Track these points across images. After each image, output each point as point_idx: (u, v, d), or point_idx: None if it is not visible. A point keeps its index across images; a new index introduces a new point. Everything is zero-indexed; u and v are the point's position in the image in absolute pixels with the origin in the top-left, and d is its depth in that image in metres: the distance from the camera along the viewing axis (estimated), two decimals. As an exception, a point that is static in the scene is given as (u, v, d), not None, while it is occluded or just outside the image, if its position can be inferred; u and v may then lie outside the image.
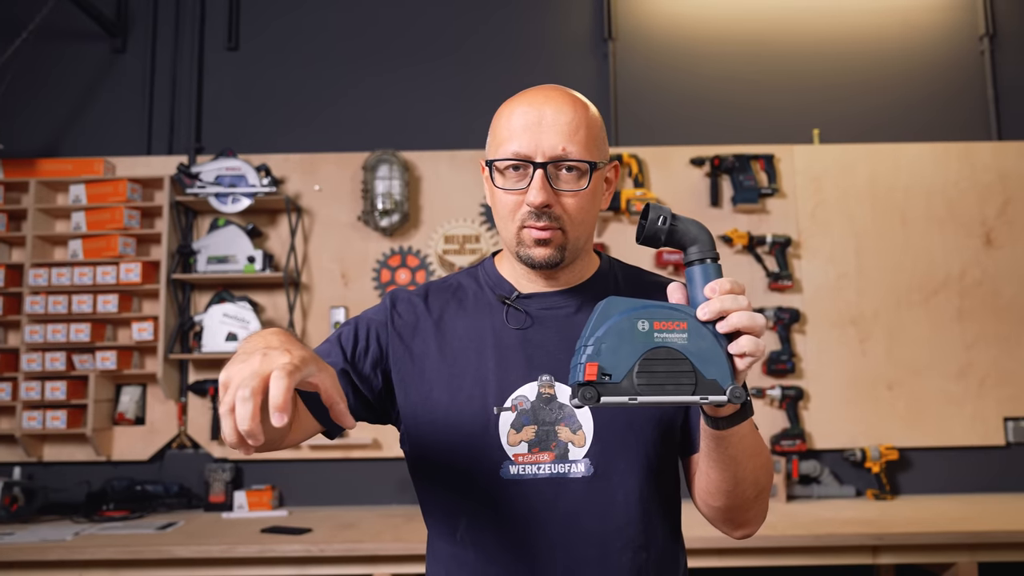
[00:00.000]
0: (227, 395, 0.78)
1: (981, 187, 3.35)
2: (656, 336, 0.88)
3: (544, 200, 1.05)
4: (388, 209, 3.22)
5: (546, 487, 1.07)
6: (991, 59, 3.50)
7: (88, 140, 3.44)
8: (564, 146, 1.05)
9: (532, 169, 1.05)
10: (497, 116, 1.12)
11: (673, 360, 0.87)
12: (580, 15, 3.57)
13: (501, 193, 1.08)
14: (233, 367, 0.81)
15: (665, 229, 0.94)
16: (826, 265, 3.31)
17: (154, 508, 3.08)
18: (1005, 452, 3.24)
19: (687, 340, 0.88)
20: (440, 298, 1.19)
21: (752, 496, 1.07)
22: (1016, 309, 3.28)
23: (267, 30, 3.55)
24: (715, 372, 0.88)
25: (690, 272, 0.94)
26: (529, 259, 1.09)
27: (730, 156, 3.30)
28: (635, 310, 0.88)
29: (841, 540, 2.52)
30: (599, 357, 0.87)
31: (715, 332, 0.89)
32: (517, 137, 1.06)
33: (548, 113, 1.07)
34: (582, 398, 0.87)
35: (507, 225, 1.10)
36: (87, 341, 3.09)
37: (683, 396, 0.87)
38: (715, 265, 0.93)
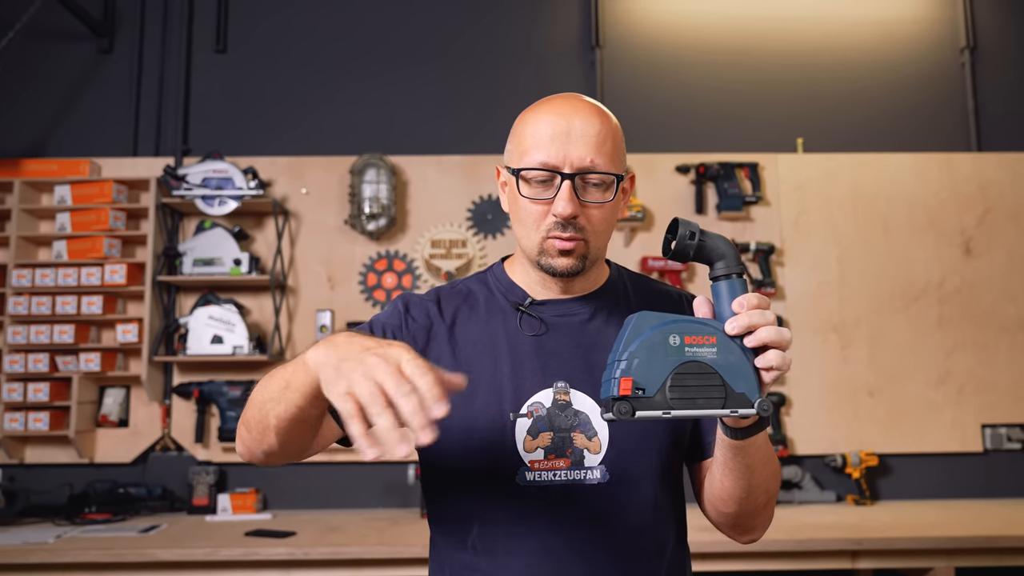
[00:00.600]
0: (371, 401, 0.75)
1: (961, 197, 3.40)
2: (687, 350, 0.90)
3: (572, 212, 1.05)
4: (375, 213, 3.22)
5: (562, 493, 1.07)
6: (971, 71, 3.56)
7: (74, 141, 3.43)
8: (592, 158, 1.06)
9: (560, 180, 1.06)
10: (521, 123, 1.12)
11: (704, 374, 0.90)
12: (568, 22, 3.60)
13: (526, 202, 1.08)
14: (351, 375, 0.77)
15: (694, 245, 0.95)
16: (809, 273, 3.35)
17: (137, 511, 3.07)
18: (983, 459, 3.28)
19: (716, 354, 0.90)
20: (452, 303, 1.18)
21: (763, 503, 1.10)
22: (994, 317, 3.33)
23: (255, 33, 3.55)
24: (744, 386, 0.90)
25: (716, 287, 0.95)
26: (551, 268, 1.10)
27: (715, 164, 3.33)
28: (666, 324, 0.90)
29: (821, 545, 2.54)
30: (633, 372, 0.89)
31: (743, 346, 0.91)
32: (545, 147, 1.06)
33: (576, 124, 1.07)
34: (617, 412, 0.88)
35: (530, 234, 1.10)
36: (71, 343, 3.08)
37: (714, 409, 0.90)
38: (741, 280, 0.95)
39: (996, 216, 3.39)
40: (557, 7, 3.61)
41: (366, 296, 3.29)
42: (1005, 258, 3.36)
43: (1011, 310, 3.34)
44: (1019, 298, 3.35)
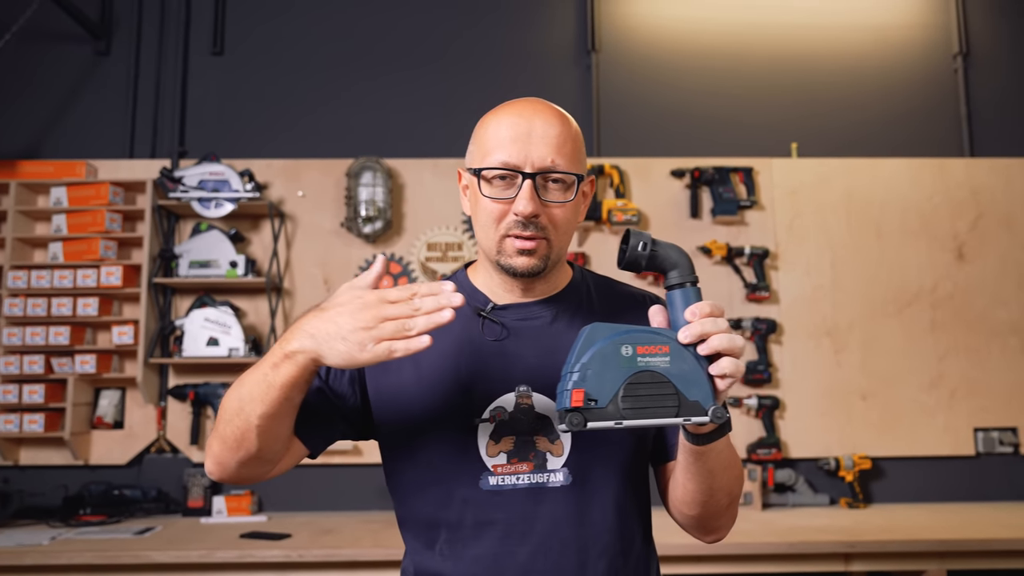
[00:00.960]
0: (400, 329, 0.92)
1: (954, 202, 3.42)
2: (639, 360, 0.91)
3: (533, 210, 1.07)
4: (371, 216, 3.23)
5: (525, 497, 1.09)
6: (964, 77, 3.59)
7: (70, 142, 3.43)
8: (552, 158, 1.08)
9: (521, 179, 1.07)
10: (482, 125, 1.14)
11: (656, 383, 0.91)
12: (564, 26, 3.61)
13: (487, 201, 1.09)
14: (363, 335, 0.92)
15: (646, 255, 0.97)
16: (803, 277, 3.37)
17: (132, 513, 3.07)
18: (975, 462, 3.30)
19: (669, 363, 0.92)
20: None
21: (725, 505, 1.11)
22: (986, 322, 3.36)
23: (252, 35, 3.56)
24: (697, 393, 0.92)
25: (671, 296, 0.97)
26: (511, 268, 1.11)
27: (710, 168, 3.35)
28: (618, 335, 0.92)
29: (814, 548, 2.56)
30: (585, 383, 0.91)
31: (696, 354, 0.93)
32: (506, 147, 1.08)
33: (537, 125, 1.09)
34: (570, 424, 0.90)
35: (489, 233, 1.11)
36: (66, 344, 3.08)
37: (667, 418, 0.91)
38: (695, 289, 0.97)
39: (988, 221, 3.42)
40: (554, 11, 3.62)
41: (362, 299, 3.29)
42: (997, 263, 3.39)
43: (1003, 315, 3.36)
44: (1011, 303, 3.37)
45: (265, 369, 0.98)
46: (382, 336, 0.92)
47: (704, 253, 3.32)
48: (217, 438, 1.05)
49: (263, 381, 0.98)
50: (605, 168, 3.35)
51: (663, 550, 2.49)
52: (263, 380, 0.98)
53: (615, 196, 3.34)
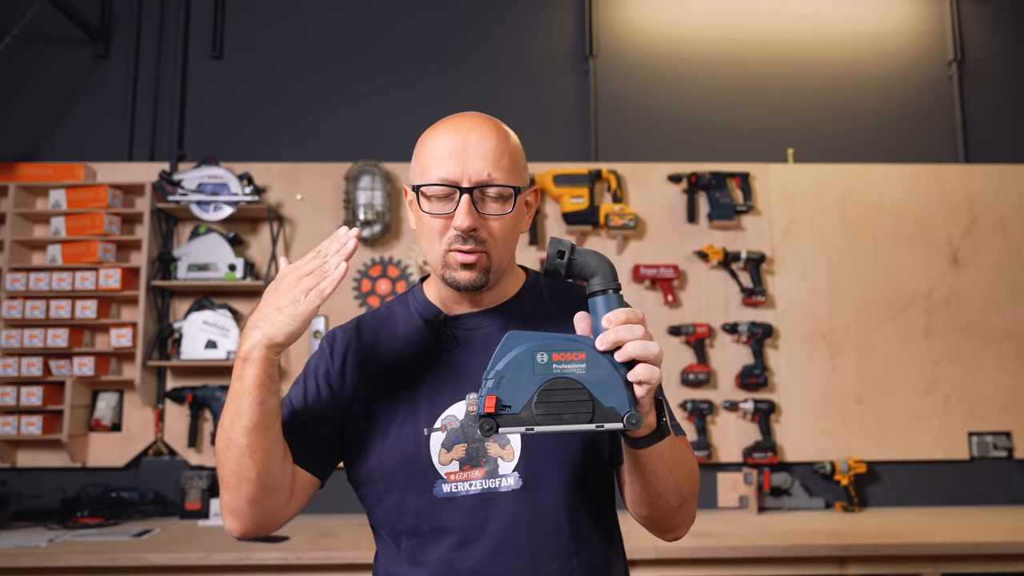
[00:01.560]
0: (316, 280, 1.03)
1: (949, 208, 3.45)
2: (555, 367, 0.93)
3: (471, 224, 1.08)
4: (370, 219, 3.24)
5: (478, 502, 1.11)
6: (959, 84, 3.62)
7: (69, 145, 3.44)
8: (489, 172, 1.10)
9: (459, 194, 1.09)
10: (421, 143, 1.16)
11: (571, 390, 0.93)
12: (562, 32, 3.63)
13: (427, 217, 1.11)
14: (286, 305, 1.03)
15: (564, 264, 0.99)
16: (799, 281, 3.39)
17: (129, 515, 3.07)
18: (969, 466, 3.32)
19: (585, 370, 0.93)
20: (371, 328, 1.24)
21: (676, 505, 1.13)
22: (980, 327, 3.38)
23: (252, 39, 3.57)
24: (613, 400, 0.93)
25: (592, 303, 0.99)
26: (455, 282, 1.13)
27: (707, 173, 3.37)
28: (535, 343, 0.94)
29: (810, 551, 2.57)
30: (498, 390, 0.93)
31: (613, 361, 0.94)
32: (444, 163, 1.10)
33: (473, 139, 1.11)
34: (482, 429, 0.92)
35: (434, 248, 1.13)
36: (64, 347, 3.08)
37: (580, 425, 0.93)
38: (616, 296, 0.98)
39: (983, 227, 3.44)
40: (552, 16, 3.64)
41: (360, 302, 3.31)
42: (991, 269, 3.41)
43: (997, 320, 3.38)
44: (1005, 308, 3.39)
45: (233, 387, 1.05)
46: (307, 287, 1.03)
47: (701, 258, 3.34)
48: (222, 489, 1.11)
49: (234, 398, 1.05)
50: (603, 172, 3.36)
51: (657, 553, 2.51)
52: (234, 397, 1.05)
53: (612, 201, 3.35)
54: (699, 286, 3.37)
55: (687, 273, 3.37)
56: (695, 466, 1.17)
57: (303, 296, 1.02)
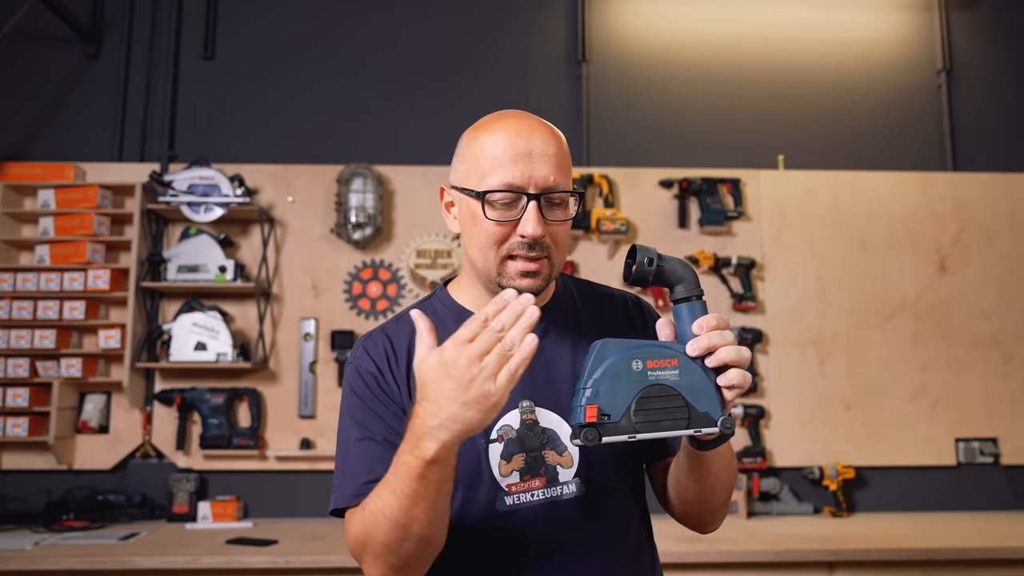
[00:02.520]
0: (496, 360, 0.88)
1: (937, 215, 3.48)
2: (650, 374, 0.94)
3: (541, 232, 1.05)
4: (361, 222, 3.24)
5: (541, 512, 1.09)
6: (948, 93, 3.65)
7: (58, 145, 3.41)
8: (554, 177, 1.07)
9: (526, 200, 1.05)
10: (474, 143, 1.10)
11: (667, 396, 0.94)
12: (555, 37, 3.64)
13: (489, 224, 1.06)
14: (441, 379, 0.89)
15: (653, 270, 1.00)
16: (788, 287, 3.41)
17: (116, 518, 3.04)
18: (956, 472, 3.35)
19: (679, 376, 0.95)
20: (401, 336, 1.16)
21: (723, 500, 1.16)
22: (967, 334, 3.41)
23: (244, 40, 3.56)
24: (706, 405, 0.95)
25: (677, 310, 1.01)
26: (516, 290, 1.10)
27: (698, 179, 3.38)
28: (629, 351, 0.95)
29: (799, 556, 2.58)
30: (598, 399, 0.94)
31: (704, 367, 0.96)
32: (508, 167, 1.05)
33: (537, 143, 1.07)
34: (585, 439, 0.93)
35: (488, 255, 1.08)
36: (52, 348, 3.06)
37: (679, 430, 0.94)
38: (701, 302, 1.00)
39: (970, 234, 3.47)
40: (545, 22, 3.65)
41: (351, 305, 3.30)
42: (979, 276, 3.44)
43: (984, 327, 3.41)
44: (992, 315, 3.42)
45: (406, 486, 0.93)
46: (492, 372, 0.88)
47: (691, 262, 3.35)
48: (375, 562, 1.00)
49: (411, 495, 0.93)
50: (595, 177, 3.37)
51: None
52: (410, 495, 0.93)
53: (604, 205, 3.36)
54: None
55: (678, 278, 3.37)
56: (736, 463, 1.21)
57: (491, 383, 0.87)
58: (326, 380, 3.24)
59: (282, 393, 3.24)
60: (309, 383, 3.23)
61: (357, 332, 3.25)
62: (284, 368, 3.25)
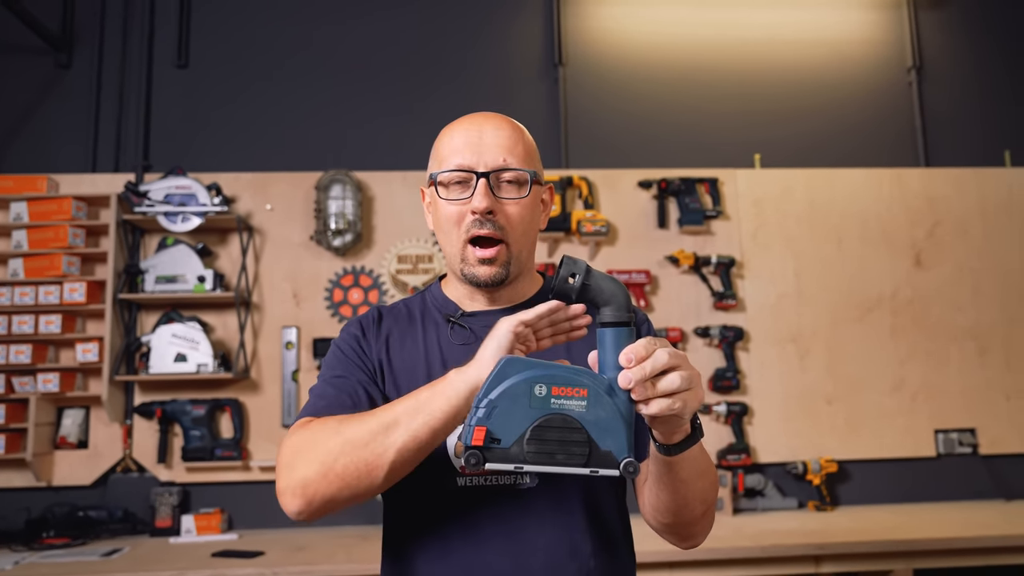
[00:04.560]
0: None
1: (911, 211, 3.53)
2: (553, 402, 0.84)
3: (488, 205, 1.12)
4: (341, 229, 3.22)
5: (494, 498, 1.11)
6: (918, 90, 3.71)
7: (30, 156, 3.36)
8: (504, 157, 1.14)
9: (476, 179, 1.13)
10: (438, 139, 1.21)
11: (567, 429, 0.84)
12: (531, 40, 3.65)
13: (445, 204, 1.15)
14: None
15: (576, 287, 0.90)
16: (768, 285, 3.44)
17: (97, 534, 2.99)
18: (936, 463, 3.39)
19: (586, 408, 0.85)
20: (390, 319, 1.25)
21: (700, 513, 1.11)
22: (943, 327, 3.46)
23: (218, 48, 3.53)
24: (611, 443, 0.85)
25: (601, 334, 0.89)
26: (474, 277, 1.15)
27: (676, 179, 3.41)
28: (535, 372, 0.85)
29: (785, 551, 2.61)
30: (488, 421, 0.85)
31: (622, 400, 0.86)
32: (460, 152, 1.15)
33: (488, 129, 1.16)
34: (467, 462, 0.84)
35: (451, 239, 1.16)
36: (28, 363, 3.00)
37: (573, 468, 0.84)
38: (628, 329, 0.89)
39: (944, 229, 3.53)
40: (521, 25, 3.66)
41: (332, 312, 3.28)
42: (953, 269, 3.50)
43: (960, 319, 3.47)
44: (967, 308, 3.48)
45: (422, 395, 0.98)
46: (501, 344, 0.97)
47: (672, 263, 3.37)
48: (304, 471, 1.00)
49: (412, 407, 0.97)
50: (574, 179, 3.38)
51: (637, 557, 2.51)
52: (412, 406, 0.97)
53: (584, 207, 3.37)
54: (671, 291, 3.40)
55: (659, 278, 3.40)
56: (716, 473, 1.15)
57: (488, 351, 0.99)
58: (309, 388, 3.21)
59: (265, 403, 3.21)
60: (292, 392, 3.20)
61: (339, 339, 3.23)
62: (266, 377, 3.22)
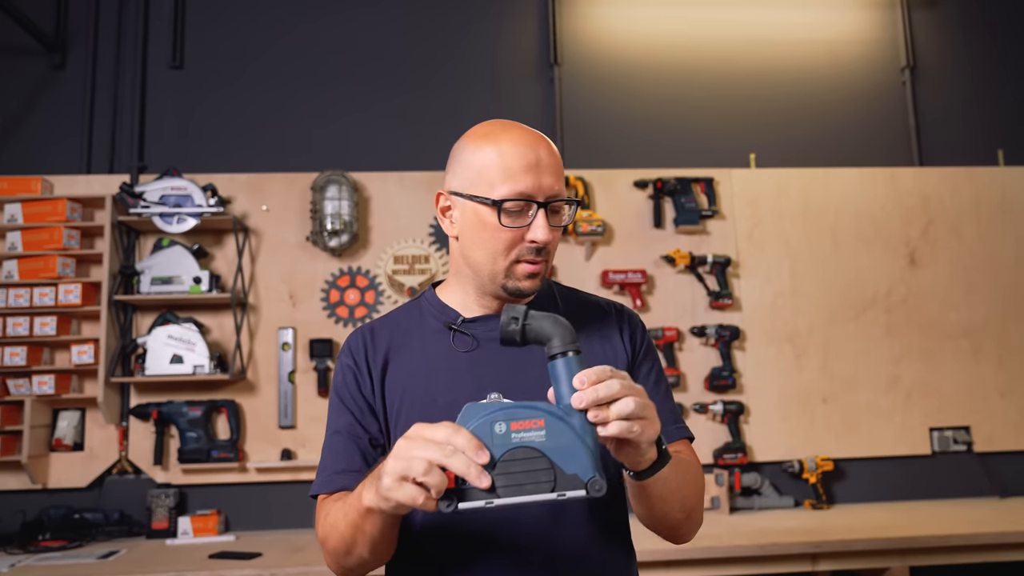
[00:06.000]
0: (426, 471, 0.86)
1: (905, 210, 3.54)
2: (514, 436, 0.89)
3: (548, 238, 1.12)
4: (337, 229, 3.22)
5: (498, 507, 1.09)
6: (912, 90, 3.73)
7: (24, 158, 3.35)
8: (557, 186, 1.13)
9: (535, 208, 1.11)
10: (480, 152, 1.13)
11: (531, 459, 0.88)
12: (527, 40, 3.65)
13: (500, 229, 1.12)
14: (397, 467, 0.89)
15: (518, 330, 0.96)
16: (764, 284, 3.45)
17: (93, 537, 2.98)
18: (930, 461, 3.41)
19: (545, 437, 0.89)
20: (386, 331, 1.24)
21: (681, 519, 1.14)
22: (938, 325, 3.48)
23: (213, 49, 3.52)
24: (575, 466, 0.88)
25: (552, 367, 0.94)
26: (517, 291, 1.15)
27: (672, 179, 3.41)
28: (492, 413, 0.89)
29: (782, 549, 2.61)
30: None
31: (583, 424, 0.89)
32: (520, 177, 1.11)
33: (543, 154, 1.13)
34: (443, 506, 0.88)
35: (498, 260, 1.14)
36: (23, 365, 2.99)
37: (542, 495, 0.88)
38: (578, 357, 0.93)
39: (938, 228, 3.54)
40: (516, 25, 3.66)
41: (328, 313, 3.27)
42: (947, 268, 3.51)
43: (954, 318, 3.48)
44: (961, 306, 3.50)
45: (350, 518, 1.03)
46: (414, 471, 0.90)
47: (668, 262, 3.38)
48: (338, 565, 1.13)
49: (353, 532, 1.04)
50: (570, 179, 3.39)
51: (637, 556, 2.51)
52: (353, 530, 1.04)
53: (580, 207, 3.38)
54: (667, 290, 3.41)
55: (655, 278, 3.41)
56: (699, 476, 1.17)
57: (393, 481, 0.92)
58: (305, 389, 3.21)
59: (261, 404, 3.20)
60: (288, 393, 3.20)
61: (336, 340, 3.23)
62: (262, 379, 3.22)
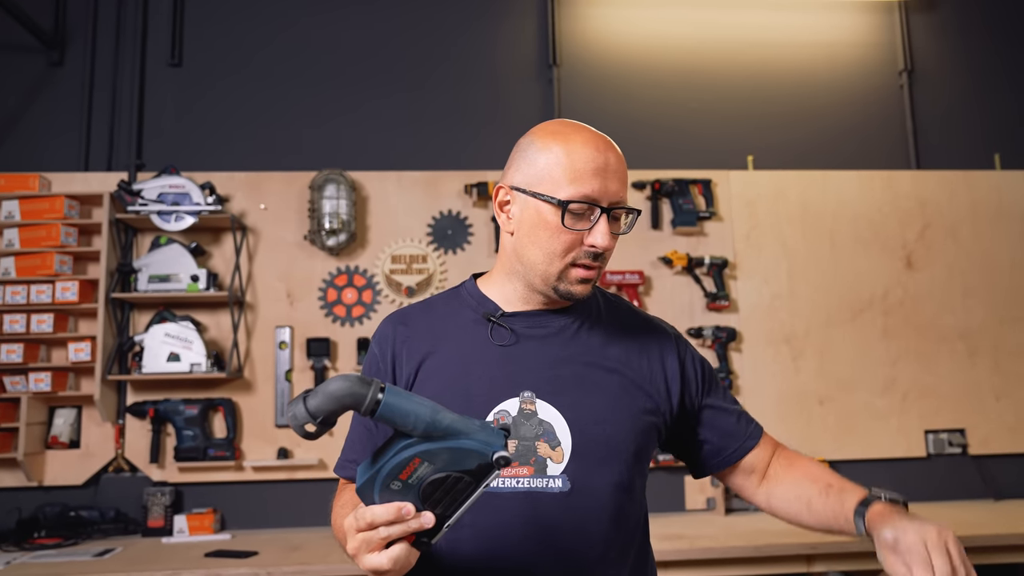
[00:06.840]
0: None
1: (902, 212, 3.55)
2: (411, 481, 0.90)
3: (609, 245, 1.11)
4: (335, 228, 3.22)
5: (524, 500, 1.10)
6: (909, 93, 3.74)
7: (22, 155, 3.34)
8: (621, 192, 1.13)
9: (598, 213, 1.11)
10: (548, 151, 1.14)
11: (440, 483, 0.91)
12: (526, 40, 3.66)
13: (562, 231, 1.11)
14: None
15: (316, 421, 0.89)
16: (761, 286, 3.46)
17: (89, 534, 2.98)
18: (926, 463, 3.42)
19: (432, 466, 0.90)
20: (421, 319, 1.23)
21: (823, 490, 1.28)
22: (934, 327, 3.48)
23: (211, 46, 3.52)
24: (474, 459, 0.90)
25: (384, 411, 0.90)
26: (569, 294, 1.15)
27: (670, 180, 3.42)
28: (378, 480, 0.90)
29: (778, 550, 2.62)
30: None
31: (440, 439, 0.90)
32: (588, 180, 1.10)
33: (612, 159, 1.14)
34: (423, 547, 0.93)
35: (554, 261, 1.13)
36: (19, 362, 2.98)
37: (475, 494, 0.92)
38: (392, 389, 0.91)
39: (935, 231, 3.55)
40: (515, 26, 3.66)
41: (326, 312, 3.27)
42: (944, 271, 3.52)
43: (950, 320, 3.49)
44: (957, 309, 3.51)
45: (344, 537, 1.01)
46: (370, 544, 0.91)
47: (665, 263, 3.38)
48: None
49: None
50: (568, 180, 3.38)
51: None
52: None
53: (578, 208, 3.38)
54: (664, 292, 3.42)
55: (652, 279, 3.41)
56: (818, 471, 1.27)
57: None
58: (302, 388, 3.21)
59: (258, 403, 3.20)
60: (285, 392, 3.20)
61: (333, 339, 3.23)
62: (259, 377, 3.21)
